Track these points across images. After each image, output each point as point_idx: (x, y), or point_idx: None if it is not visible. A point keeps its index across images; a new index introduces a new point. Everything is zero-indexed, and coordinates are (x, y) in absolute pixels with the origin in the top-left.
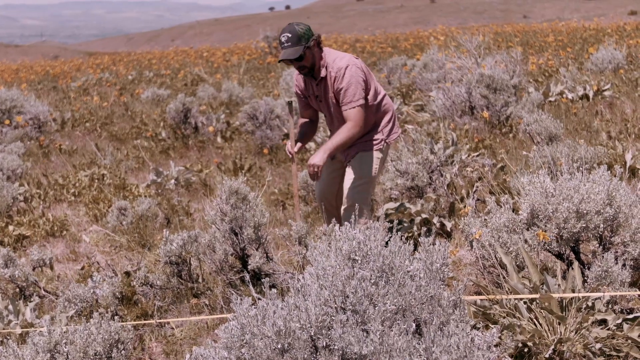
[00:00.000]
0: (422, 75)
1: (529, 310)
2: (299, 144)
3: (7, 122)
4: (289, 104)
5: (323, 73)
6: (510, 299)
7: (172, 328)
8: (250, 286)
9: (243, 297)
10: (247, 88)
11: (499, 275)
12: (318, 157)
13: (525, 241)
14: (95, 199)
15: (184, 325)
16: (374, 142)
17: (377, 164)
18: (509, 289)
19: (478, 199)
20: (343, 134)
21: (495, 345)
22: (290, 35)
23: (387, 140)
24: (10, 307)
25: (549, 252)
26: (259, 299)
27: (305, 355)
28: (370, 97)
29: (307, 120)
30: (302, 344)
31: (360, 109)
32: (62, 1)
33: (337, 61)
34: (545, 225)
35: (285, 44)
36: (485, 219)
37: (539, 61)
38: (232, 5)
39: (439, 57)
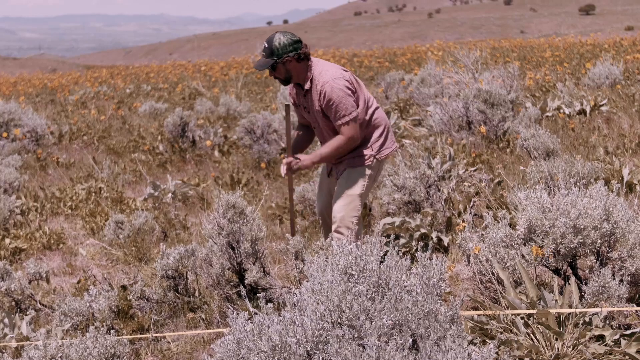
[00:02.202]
0: (419, 90)
1: (526, 325)
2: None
3: (4, 134)
4: (287, 107)
5: (307, 85)
6: (507, 315)
7: (169, 342)
8: (247, 301)
9: (239, 312)
10: (244, 102)
11: (496, 291)
12: (305, 160)
13: (523, 256)
14: (92, 212)
15: (180, 339)
16: (363, 158)
17: (365, 181)
18: (506, 304)
19: (475, 214)
20: (332, 145)
21: None
22: (266, 46)
23: (377, 156)
24: (6, 320)
25: (546, 267)
26: (256, 313)
27: None
28: (359, 110)
29: (302, 130)
30: (298, 359)
31: (355, 121)
32: (60, 14)
33: (323, 74)
34: (543, 241)
35: (261, 53)
36: (482, 234)
37: (536, 76)
38: (229, 19)
39: (437, 72)
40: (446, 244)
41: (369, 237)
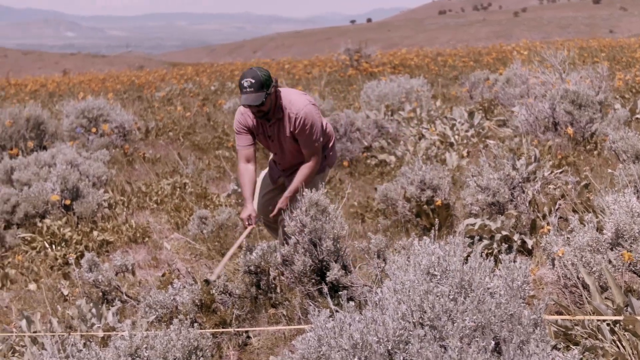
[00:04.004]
0: (504, 90)
1: (612, 332)
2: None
3: (93, 130)
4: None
5: (279, 115)
6: (592, 320)
7: (250, 337)
8: (328, 298)
9: (321, 309)
10: (328, 100)
11: (580, 296)
12: (284, 202)
13: (609, 261)
14: (177, 207)
15: (261, 334)
16: None
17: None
18: (591, 309)
19: (560, 217)
20: (303, 174)
21: None
22: (253, 81)
23: (327, 164)
24: (94, 310)
25: (634, 273)
26: (337, 311)
27: None
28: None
29: (246, 166)
30: (379, 358)
31: (319, 145)
32: (146, 13)
33: (294, 103)
34: (631, 246)
35: (248, 89)
36: (567, 238)
37: (625, 77)
38: (312, 18)
39: (522, 72)
40: (530, 247)
41: (452, 237)
